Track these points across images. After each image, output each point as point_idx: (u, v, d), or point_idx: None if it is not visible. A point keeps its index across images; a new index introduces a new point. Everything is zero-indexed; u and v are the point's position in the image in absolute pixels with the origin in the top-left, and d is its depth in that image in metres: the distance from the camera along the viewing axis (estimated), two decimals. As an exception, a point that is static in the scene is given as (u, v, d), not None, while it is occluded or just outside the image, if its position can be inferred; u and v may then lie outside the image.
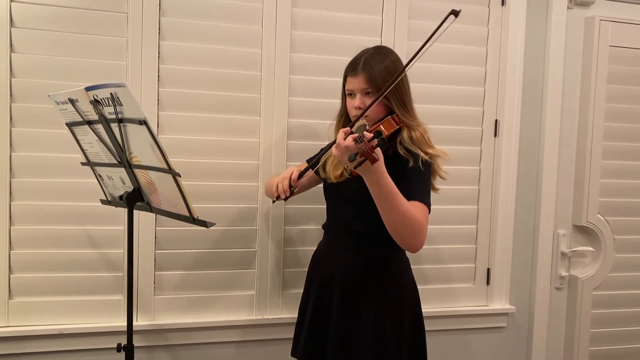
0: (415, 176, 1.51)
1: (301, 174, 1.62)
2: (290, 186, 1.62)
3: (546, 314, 2.37)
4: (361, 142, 1.25)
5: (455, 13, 1.45)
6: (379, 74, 1.54)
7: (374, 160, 1.27)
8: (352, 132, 1.34)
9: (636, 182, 2.42)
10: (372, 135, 1.26)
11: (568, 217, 2.38)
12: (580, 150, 2.35)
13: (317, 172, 1.74)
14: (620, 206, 2.41)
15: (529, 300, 2.37)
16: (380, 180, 1.36)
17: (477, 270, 2.28)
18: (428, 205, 1.51)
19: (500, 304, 2.30)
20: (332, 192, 1.71)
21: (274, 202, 1.69)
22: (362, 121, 1.52)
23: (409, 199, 1.44)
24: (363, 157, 1.25)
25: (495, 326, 2.33)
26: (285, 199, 1.63)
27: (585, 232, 2.40)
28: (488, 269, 2.29)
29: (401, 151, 1.53)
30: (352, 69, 1.59)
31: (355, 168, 1.30)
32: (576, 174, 2.37)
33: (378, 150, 1.30)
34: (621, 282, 2.44)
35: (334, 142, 1.38)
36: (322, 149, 1.61)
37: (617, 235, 2.41)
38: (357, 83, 1.57)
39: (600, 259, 2.41)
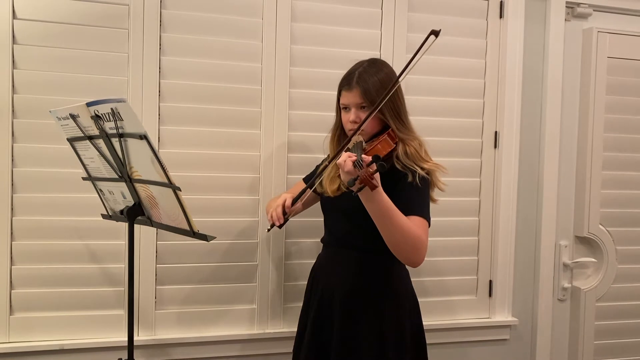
0: (413, 191, 1.50)
1: (295, 200, 1.60)
2: (284, 213, 1.59)
3: (549, 325, 2.36)
4: (360, 168, 1.25)
5: (436, 33, 1.46)
6: (374, 88, 1.53)
7: (374, 187, 1.26)
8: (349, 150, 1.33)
9: (637, 192, 2.42)
10: (370, 159, 1.25)
11: (569, 228, 2.38)
12: (580, 161, 2.36)
13: (314, 189, 1.74)
14: (621, 217, 2.41)
15: (532, 312, 2.35)
16: (377, 198, 1.34)
17: (479, 283, 2.27)
18: (427, 219, 1.51)
19: (502, 316, 2.29)
20: (330, 206, 1.70)
21: (268, 230, 1.62)
22: (358, 137, 1.51)
23: (407, 214, 1.43)
24: (363, 184, 1.25)
25: (498, 338, 2.31)
26: (280, 226, 1.59)
27: (587, 243, 2.40)
28: (490, 281, 2.28)
29: (398, 166, 1.53)
30: (346, 83, 1.59)
31: (355, 193, 1.29)
32: (577, 184, 2.37)
33: (377, 176, 1.29)
34: (624, 293, 2.43)
35: (329, 159, 1.38)
36: (317, 166, 1.59)
37: (619, 246, 2.41)
38: (351, 97, 1.57)
39: (602, 270, 2.40)
